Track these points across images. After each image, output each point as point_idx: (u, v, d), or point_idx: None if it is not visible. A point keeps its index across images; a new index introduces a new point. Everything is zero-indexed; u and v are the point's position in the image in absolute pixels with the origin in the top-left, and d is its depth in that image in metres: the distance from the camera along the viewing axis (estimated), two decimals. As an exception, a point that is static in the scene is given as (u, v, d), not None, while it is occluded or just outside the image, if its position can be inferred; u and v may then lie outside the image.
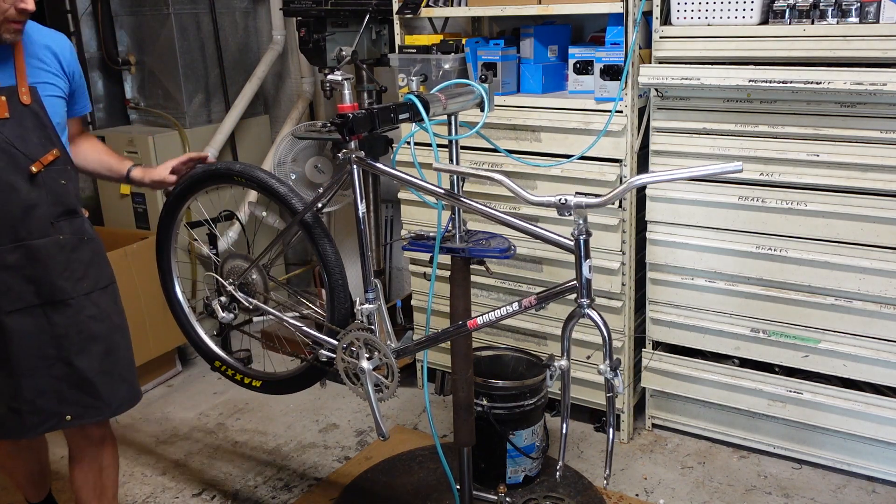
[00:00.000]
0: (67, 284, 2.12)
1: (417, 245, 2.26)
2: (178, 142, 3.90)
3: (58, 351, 2.13)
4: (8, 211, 2.02)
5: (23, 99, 2.01)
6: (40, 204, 2.06)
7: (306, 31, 3.30)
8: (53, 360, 2.13)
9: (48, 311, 2.11)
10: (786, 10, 2.48)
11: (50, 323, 2.11)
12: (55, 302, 2.11)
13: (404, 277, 4.11)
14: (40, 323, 2.10)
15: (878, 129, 2.44)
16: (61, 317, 2.12)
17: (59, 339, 2.13)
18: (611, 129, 2.73)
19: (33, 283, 2.08)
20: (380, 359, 2.22)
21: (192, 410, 3.52)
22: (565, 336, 1.90)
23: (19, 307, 2.08)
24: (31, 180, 2.04)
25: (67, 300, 2.12)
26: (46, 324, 2.11)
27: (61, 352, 2.13)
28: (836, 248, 2.59)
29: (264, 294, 2.49)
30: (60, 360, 2.14)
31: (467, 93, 2.22)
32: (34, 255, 2.07)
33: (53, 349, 2.12)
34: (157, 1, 3.88)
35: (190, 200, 2.56)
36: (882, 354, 2.60)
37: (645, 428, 3.18)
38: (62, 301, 2.12)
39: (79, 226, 2.16)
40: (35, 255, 2.08)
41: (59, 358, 2.13)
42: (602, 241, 2.88)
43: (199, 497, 2.91)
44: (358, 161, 2.14)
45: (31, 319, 2.10)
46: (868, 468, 2.77)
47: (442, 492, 2.79)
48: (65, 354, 2.13)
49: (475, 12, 3.01)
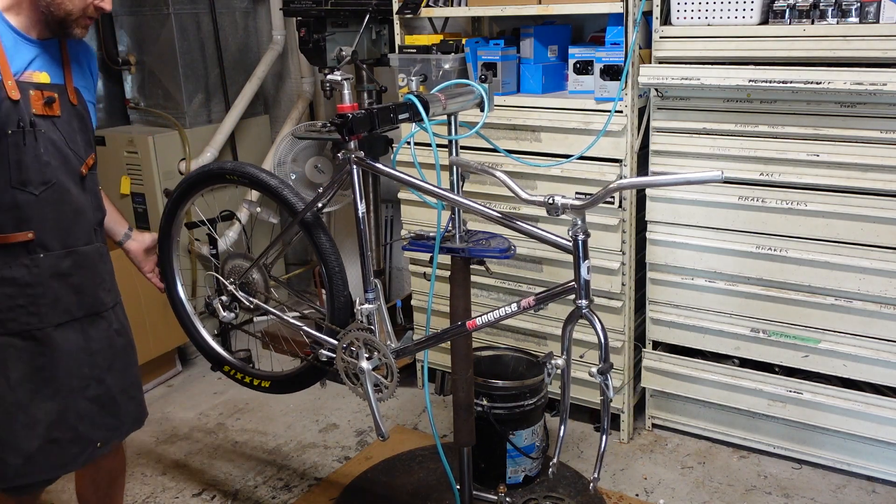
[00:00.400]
0: (104, 296, 2.04)
1: (417, 245, 2.26)
2: (178, 142, 3.90)
3: (91, 369, 2.01)
4: (62, 213, 1.92)
5: (72, 99, 1.95)
6: (87, 209, 1.99)
7: (306, 31, 3.30)
8: (88, 379, 2.01)
9: (86, 324, 2.00)
10: (786, 10, 2.48)
11: (86, 338, 2.00)
12: (93, 314, 2.01)
13: (404, 277, 4.11)
14: (79, 338, 1.98)
15: (878, 129, 2.44)
16: (96, 331, 2.02)
17: (94, 355, 2.01)
18: (611, 129, 2.73)
19: (78, 293, 1.97)
20: (379, 359, 2.22)
21: (192, 410, 3.52)
22: (565, 337, 1.90)
23: (66, 320, 1.95)
24: (80, 183, 1.97)
25: (102, 312, 2.03)
26: (83, 339, 1.99)
27: (94, 370, 2.02)
28: (836, 248, 2.59)
29: (265, 293, 2.49)
30: (94, 380, 2.02)
31: (467, 93, 2.22)
32: (82, 263, 1.98)
33: (88, 367, 2.00)
34: (157, 1, 3.88)
35: (189, 202, 2.56)
36: (882, 354, 2.60)
37: (645, 428, 3.17)
38: (98, 314, 2.02)
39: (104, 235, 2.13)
40: (83, 262, 1.98)
41: (93, 377, 2.02)
42: (602, 241, 2.88)
43: (199, 497, 2.91)
44: (358, 161, 2.14)
45: (74, 334, 1.97)
46: (868, 468, 2.77)
47: (442, 492, 2.79)
48: (97, 373, 2.02)
49: (475, 12, 3.01)
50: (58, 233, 1.92)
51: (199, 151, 3.93)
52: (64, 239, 1.93)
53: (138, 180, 3.87)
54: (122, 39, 4.07)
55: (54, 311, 1.93)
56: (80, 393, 1.99)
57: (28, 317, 1.90)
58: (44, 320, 1.92)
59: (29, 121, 1.82)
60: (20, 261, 1.88)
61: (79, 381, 1.98)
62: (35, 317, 1.91)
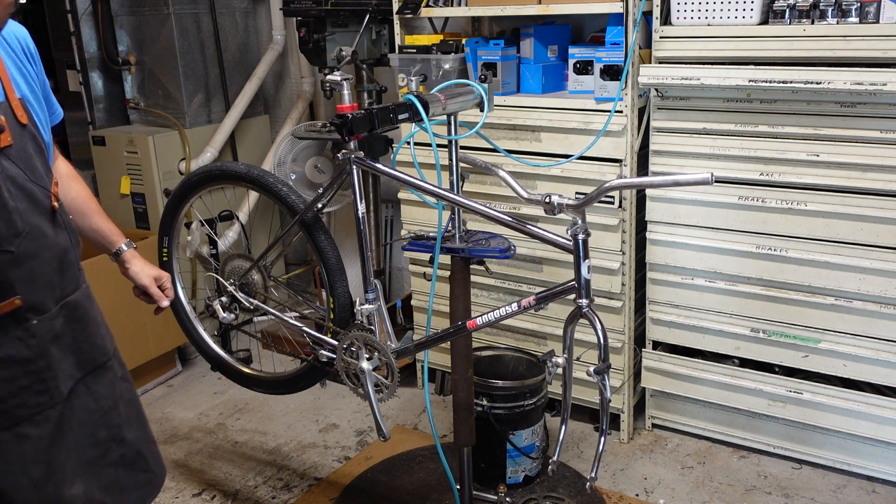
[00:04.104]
0: (102, 343, 1.72)
1: (417, 245, 2.26)
2: (178, 142, 3.90)
3: (108, 430, 1.71)
4: (45, 264, 1.55)
5: (19, 116, 1.52)
6: (68, 249, 1.62)
7: (306, 31, 3.30)
8: (108, 443, 1.71)
9: (90, 382, 1.67)
10: (786, 10, 2.48)
11: (94, 398, 1.68)
12: (95, 368, 1.69)
13: (404, 277, 4.11)
14: (87, 402, 1.66)
15: (878, 129, 2.44)
16: (102, 386, 1.70)
17: (107, 414, 1.70)
18: (611, 129, 2.73)
19: (76, 351, 1.64)
20: (380, 359, 2.22)
21: (192, 410, 3.52)
22: (567, 336, 1.90)
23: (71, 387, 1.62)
24: (52, 220, 1.57)
25: (105, 363, 1.72)
26: (92, 401, 1.67)
27: (111, 430, 1.72)
28: (836, 248, 2.59)
29: (264, 294, 2.49)
30: (113, 441, 1.72)
31: (467, 93, 2.22)
32: (74, 315, 1.64)
33: (105, 430, 1.70)
34: (157, 1, 3.88)
35: (189, 202, 2.57)
36: (882, 354, 2.60)
37: (645, 428, 3.17)
38: (101, 365, 1.71)
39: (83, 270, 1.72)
40: (74, 313, 1.64)
41: (112, 438, 1.72)
42: (602, 241, 2.88)
43: (199, 497, 2.91)
44: (357, 161, 2.14)
45: (80, 399, 1.64)
46: (868, 468, 2.77)
47: (442, 492, 2.79)
48: (115, 432, 1.73)
49: (475, 12, 3.01)
50: (46, 289, 1.56)
51: (199, 151, 3.93)
52: (54, 294, 1.59)
53: (138, 180, 3.87)
54: (122, 39, 4.07)
55: (62, 381, 1.60)
56: (101, 461, 1.70)
57: (36, 397, 1.56)
58: (55, 396, 1.59)
59: None
60: (13, 334, 1.52)
61: (95, 451, 1.69)
62: (44, 395, 1.57)
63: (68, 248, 1.63)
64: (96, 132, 4.03)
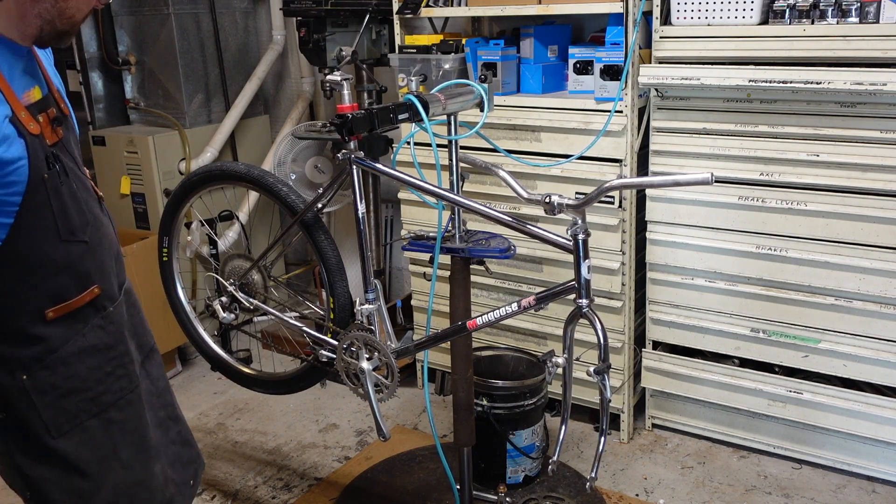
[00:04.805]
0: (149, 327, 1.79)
1: (417, 245, 2.26)
2: (178, 142, 3.90)
3: (166, 410, 1.79)
4: (108, 252, 1.62)
5: (63, 108, 1.57)
6: (115, 235, 1.69)
7: (306, 31, 3.30)
8: (168, 421, 1.79)
9: (146, 365, 1.74)
10: (786, 10, 2.48)
11: (151, 379, 1.75)
12: (149, 351, 1.76)
13: (404, 277, 4.11)
14: (147, 385, 1.73)
15: (878, 129, 2.44)
16: (154, 367, 1.77)
17: (162, 395, 1.79)
18: (611, 129, 2.73)
19: (134, 336, 1.70)
20: (380, 359, 2.22)
21: (192, 410, 3.52)
22: (567, 336, 1.90)
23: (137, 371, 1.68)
24: (101, 208, 1.65)
25: (153, 346, 1.79)
26: (149, 382, 1.74)
27: (168, 409, 1.80)
28: (836, 248, 2.59)
29: (265, 294, 2.49)
30: (171, 419, 1.80)
31: (467, 93, 2.22)
32: (129, 300, 1.70)
33: (163, 410, 1.78)
34: (157, 1, 3.88)
35: (189, 202, 2.57)
36: (882, 354, 2.60)
37: (645, 428, 3.17)
38: (152, 348, 1.78)
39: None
40: (130, 299, 1.71)
41: (169, 417, 1.80)
42: (602, 241, 2.88)
43: (199, 497, 2.91)
44: (357, 161, 2.14)
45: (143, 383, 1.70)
46: (868, 468, 2.77)
47: (442, 492, 2.79)
48: (171, 411, 1.81)
49: (475, 12, 3.01)
50: (112, 276, 1.63)
51: (199, 151, 3.93)
52: (117, 281, 1.66)
53: (138, 180, 3.87)
54: (122, 39, 4.07)
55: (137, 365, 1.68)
56: (165, 440, 1.78)
57: (119, 382, 1.62)
58: (133, 380, 1.65)
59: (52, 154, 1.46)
60: (94, 323, 1.57)
61: (160, 430, 1.76)
62: (125, 379, 1.63)
63: (115, 237, 1.69)
64: (96, 132, 4.03)
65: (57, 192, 1.46)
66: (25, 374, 1.49)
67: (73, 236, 1.51)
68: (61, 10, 1.44)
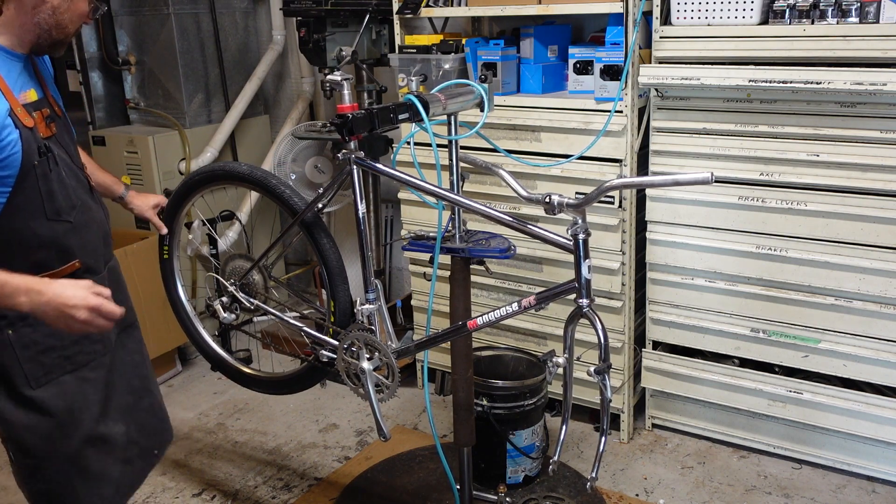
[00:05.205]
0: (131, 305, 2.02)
1: (417, 245, 2.26)
2: (178, 142, 3.90)
3: (140, 381, 2.03)
4: (93, 233, 1.88)
5: (56, 110, 1.85)
6: (105, 221, 1.96)
7: (306, 31, 3.30)
8: (140, 391, 2.03)
9: (124, 338, 2.00)
10: (786, 10, 2.48)
11: (127, 351, 2.01)
12: (128, 326, 2.01)
13: (404, 277, 4.11)
14: (124, 354, 2.00)
15: (878, 129, 2.44)
16: (132, 341, 2.03)
17: (138, 367, 2.03)
18: (611, 129, 2.73)
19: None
20: (380, 359, 2.22)
21: (192, 410, 3.52)
22: (567, 336, 1.90)
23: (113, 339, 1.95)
24: (92, 196, 1.92)
25: (133, 322, 2.04)
26: (126, 353, 2.01)
27: (143, 381, 2.04)
28: (836, 248, 2.59)
29: (265, 294, 2.49)
30: (144, 389, 2.04)
31: (467, 93, 2.22)
32: (113, 277, 1.97)
33: (138, 379, 2.02)
34: (157, 1, 3.88)
35: (191, 202, 2.56)
36: (882, 354, 2.60)
37: (645, 428, 3.17)
38: (131, 324, 2.02)
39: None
40: (114, 276, 1.97)
41: (143, 388, 2.04)
42: (602, 241, 2.88)
43: (199, 497, 2.91)
44: (357, 161, 2.14)
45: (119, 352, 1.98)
46: (868, 468, 2.77)
47: (442, 492, 2.79)
48: (146, 383, 2.05)
49: (475, 12, 3.01)
50: (96, 254, 1.89)
51: (199, 151, 3.93)
52: (102, 258, 1.92)
53: (138, 180, 3.87)
54: (122, 39, 4.07)
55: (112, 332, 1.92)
56: (136, 407, 2.01)
57: (93, 345, 1.88)
58: (107, 346, 1.92)
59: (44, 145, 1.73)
60: None
61: (131, 397, 2.00)
62: (99, 343, 1.89)
63: (105, 221, 1.95)
64: (96, 132, 4.03)
65: (45, 177, 1.73)
66: (11, 329, 1.73)
67: (59, 216, 1.77)
68: (58, 21, 1.72)
